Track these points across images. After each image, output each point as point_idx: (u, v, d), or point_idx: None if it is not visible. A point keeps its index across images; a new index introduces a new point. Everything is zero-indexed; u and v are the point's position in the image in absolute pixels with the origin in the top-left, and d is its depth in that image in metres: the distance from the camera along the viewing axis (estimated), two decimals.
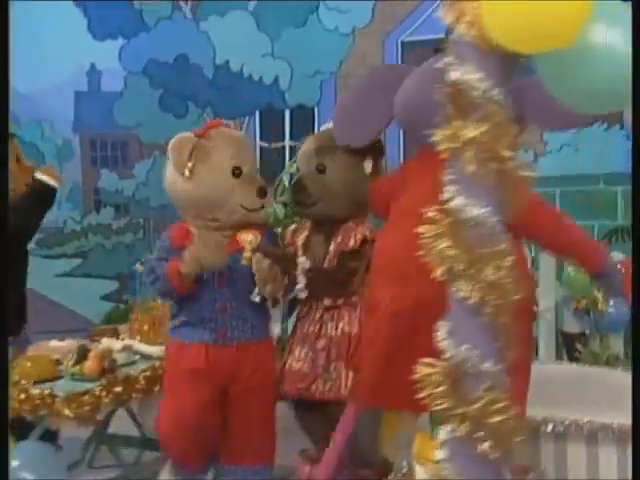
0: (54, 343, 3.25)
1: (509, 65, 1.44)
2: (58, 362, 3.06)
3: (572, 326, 4.33)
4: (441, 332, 1.48)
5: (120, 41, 6.42)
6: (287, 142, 6.37)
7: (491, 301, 1.42)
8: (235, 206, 2.77)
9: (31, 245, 3.86)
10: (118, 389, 2.95)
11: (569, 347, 4.25)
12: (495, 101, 1.42)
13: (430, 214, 1.47)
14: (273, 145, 6.39)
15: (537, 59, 1.45)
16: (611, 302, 4.09)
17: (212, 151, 2.78)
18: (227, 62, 6.26)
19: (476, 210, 1.43)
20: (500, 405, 1.44)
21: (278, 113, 6.36)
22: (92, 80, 6.53)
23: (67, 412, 2.74)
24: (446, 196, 1.46)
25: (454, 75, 1.43)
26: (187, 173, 2.71)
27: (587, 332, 4.31)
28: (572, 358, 4.15)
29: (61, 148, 6.46)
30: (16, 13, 6.22)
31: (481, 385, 1.44)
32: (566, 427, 2.80)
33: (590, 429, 2.78)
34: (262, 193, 2.81)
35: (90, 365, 2.94)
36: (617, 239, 4.82)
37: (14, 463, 2.53)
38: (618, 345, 4.24)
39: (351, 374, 2.73)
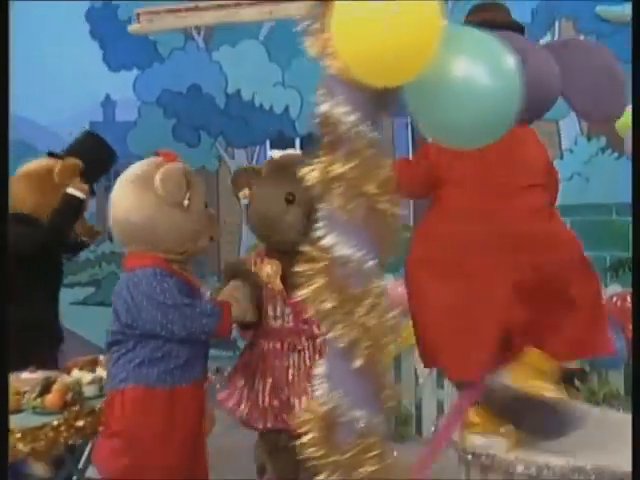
0: (25, 375, 3.20)
1: (378, 99, 1.37)
2: (24, 395, 3.02)
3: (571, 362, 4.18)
4: (317, 375, 1.41)
5: (134, 72, 6.51)
6: None
7: (364, 344, 1.35)
8: (205, 238, 2.76)
9: None
10: (80, 423, 2.89)
11: (567, 383, 4.09)
12: (364, 136, 1.36)
13: (306, 251, 1.41)
14: None
15: (405, 93, 1.38)
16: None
17: (194, 182, 2.76)
18: (238, 91, 6.29)
19: (346, 249, 1.36)
20: (373, 453, 1.35)
21: (288, 141, 6.35)
22: (107, 110, 6.62)
23: (21, 446, 2.67)
24: (318, 234, 1.40)
25: (323, 108, 1.37)
26: (187, 202, 2.63)
27: (587, 369, 4.16)
28: (570, 395, 3.99)
29: None
30: (37, 47, 6.41)
31: (353, 433, 1.36)
32: (538, 468, 2.69)
33: (562, 472, 2.66)
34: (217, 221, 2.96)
35: (51, 398, 2.89)
36: (624, 270, 4.64)
37: None
38: (618, 381, 4.08)
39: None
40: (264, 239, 2.98)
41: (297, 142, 6.38)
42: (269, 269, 2.80)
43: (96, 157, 3.99)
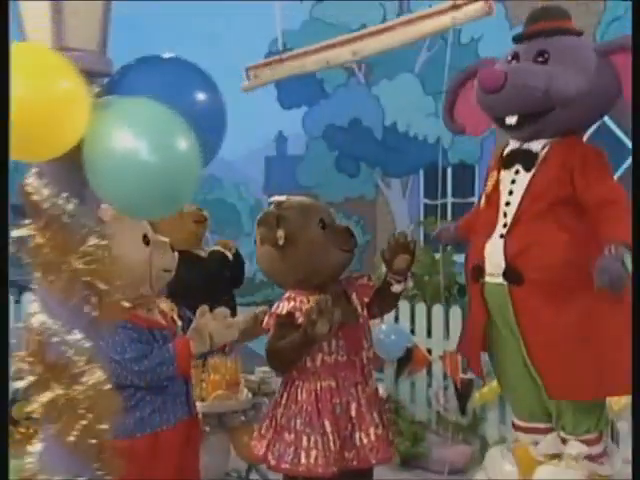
0: None
1: (73, 171, 1.48)
2: None
3: None
4: None
5: (303, 109, 6.92)
6: (449, 199, 6.31)
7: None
8: (158, 273, 2.58)
9: None
10: None
11: None
12: (60, 208, 1.49)
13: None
14: (436, 202, 6.36)
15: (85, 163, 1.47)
16: None
17: (116, 230, 2.64)
18: (395, 123, 6.42)
19: (46, 318, 1.51)
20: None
21: (441, 171, 6.32)
22: (279, 146, 7.11)
23: None
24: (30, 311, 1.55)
25: (28, 179, 1.51)
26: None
27: None
28: None
29: (253, 207, 7.10)
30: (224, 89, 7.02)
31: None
32: None
33: None
34: (172, 248, 2.66)
35: None
36: None
37: None
38: None
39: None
40: (308, 275, 2.70)
41: (449, 171, 6.34)
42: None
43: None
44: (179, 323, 2.68)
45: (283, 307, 2.71)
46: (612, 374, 2.38)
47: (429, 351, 4.39)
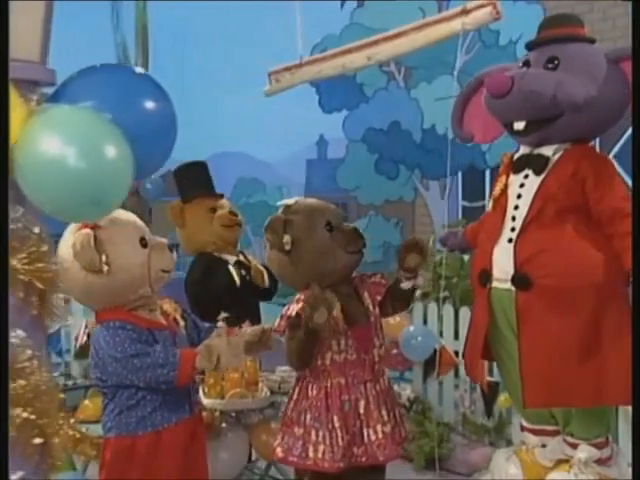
0: None
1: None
2: None
3: None
4: None
5: (344, 113, 6.95)
6: (487, 201, 6.25)
7: None
8: (157, 273, 2.63)
9: None
10: None
11: None
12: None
13: None
14: (474, 204, 6.34)
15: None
16: None
17: (114, 235, 2.56)
18: (433, 126, 6.39)
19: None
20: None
21: (479, 173, 6.29)
22: (320, 149, 7.16)
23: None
24: None
25: None
26: (106, 267, 2.46)
27: None
28: None
29: None
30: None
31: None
32: None
33: None
34: (171, 249, 2.70)
35: None
36: None
37: None
38: None
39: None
40: (315, 278, 2.77)
41: (487, 173, 6.29)
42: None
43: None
44: (182, 323, 2.77)
45: (293, 309, 2.76)
46: (613, 383, 2.38)
47: (456, 353, 4.37)
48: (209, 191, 4.07)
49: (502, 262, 2.56)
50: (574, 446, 2.56)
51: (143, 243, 2.61)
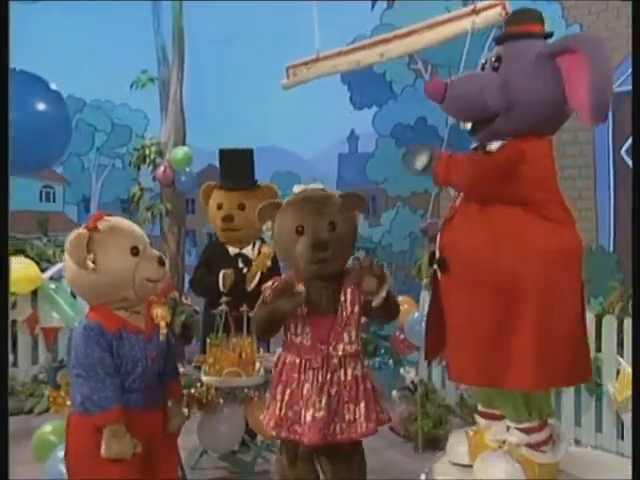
0: None
1: None
2: None
3: None
4: None
5: (374, 109, 7.06)
6: None
7: None
8: (142, 281, 2.77)
9: None
10: None
11: None
12: None
13: None
14: None
15: None
16: None
17: (107, 239, 2.77)
18: (457, 122, 6.41)
19: None
20: None
21: None
22: (351, 144, 7.28)
23: None
24: None
25: None
26: (91, 265, 2.67)
27: None
28: None
29: None
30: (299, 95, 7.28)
31: None
32: None
33: None
34: (162, 262, 2.84)
35: None
36: None
37: None
38: None
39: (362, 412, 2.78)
40: (288, 267, 2.99)
41: None
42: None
43: None
44: (164, 331, 2.85)
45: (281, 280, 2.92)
46: (515, 368, 2.41)
47: None
48: (223, 183, 4.23)
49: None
50: (509, 429, 2.63)
51: (134, 252, 2.77)
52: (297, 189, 3.12)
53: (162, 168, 6.43)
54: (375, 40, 4.69)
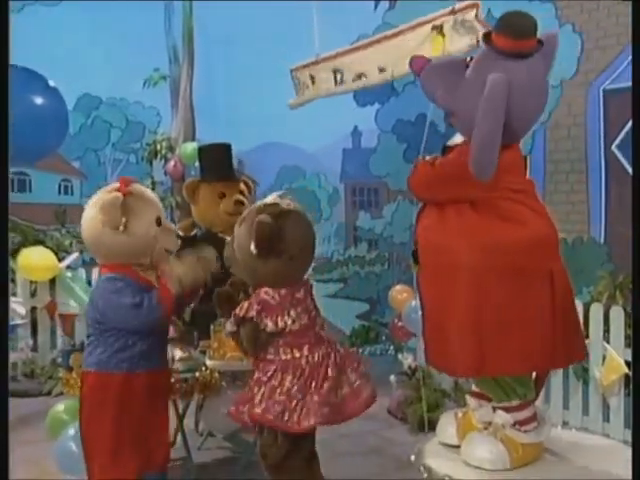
0: None
1: None
2: None
3: None
4: None
5: (376, 106, 7.07)
6: None
7: None
8: (161, 250, 2.86)
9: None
10: None
11: None
12: None
13: None
14: None
15: None
16: None
17: (139, 205, 2.82)
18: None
19: None
20: None
21: None
22: (355, 139, 7.29)
23: None
24: None
25: None
26: (122, 228, 2.71)
27: None
28: None
29: (331, 195, 7.36)
30: None
31: None
32: None
33: None
34: (178, 236, 2.95)
35: None
36: None
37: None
38: None
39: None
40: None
41: None
42: None
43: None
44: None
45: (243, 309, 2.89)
46: (492, 356, 2.40)
47: None
48: (223, 175, 4.18)
49: None
50: (495, 411, 2.63)
51: (158, 222, 2.87)
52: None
53: (172, 163, 6.48)
54: (368, 41, 4.83)
